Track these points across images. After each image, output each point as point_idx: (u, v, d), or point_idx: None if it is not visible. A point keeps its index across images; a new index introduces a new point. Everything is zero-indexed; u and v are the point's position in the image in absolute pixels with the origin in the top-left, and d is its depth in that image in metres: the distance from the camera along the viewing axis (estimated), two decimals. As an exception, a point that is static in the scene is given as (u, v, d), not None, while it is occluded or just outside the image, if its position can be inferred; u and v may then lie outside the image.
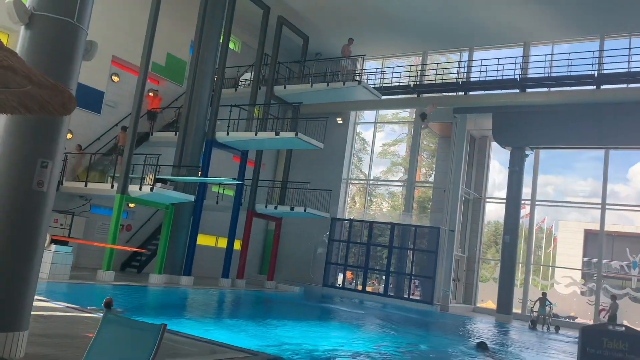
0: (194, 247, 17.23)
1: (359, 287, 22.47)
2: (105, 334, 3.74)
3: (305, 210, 19.35)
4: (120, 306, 10.62)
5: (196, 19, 18.05)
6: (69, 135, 16.13)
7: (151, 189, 14.87)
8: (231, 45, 22.06)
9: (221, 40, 18.36)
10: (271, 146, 20.34)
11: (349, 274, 23.57)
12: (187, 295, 15.12)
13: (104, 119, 18.24)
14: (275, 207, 19.93)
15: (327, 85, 19.37)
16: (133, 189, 15.19)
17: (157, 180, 15.18)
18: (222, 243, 19.86)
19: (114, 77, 18.63)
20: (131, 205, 18.24)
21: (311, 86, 19.56)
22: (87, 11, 5.70)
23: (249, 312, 14.03)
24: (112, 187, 15.62)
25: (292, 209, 19.60)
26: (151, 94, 19.39)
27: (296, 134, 16.98)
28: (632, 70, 18.76)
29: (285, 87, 20.24)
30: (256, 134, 17.56)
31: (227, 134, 17.68)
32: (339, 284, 23.11)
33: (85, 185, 16.37)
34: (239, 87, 21.55)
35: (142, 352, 3.53)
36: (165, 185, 15.63)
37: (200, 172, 17.30)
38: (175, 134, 17.95)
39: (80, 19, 5.58)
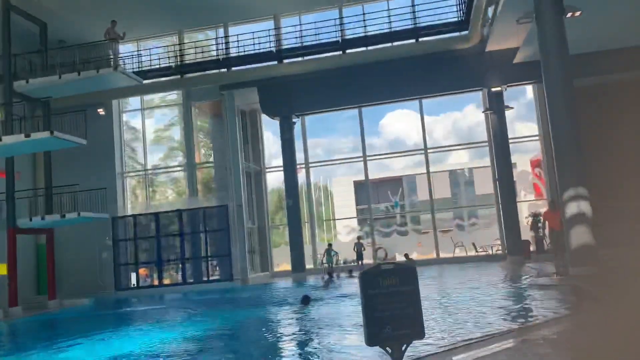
0: (-56, 285, 14.40)
1: (156, 282, 21.60)
2: None
3: (79, 215, 17.61)
4: None
5: None
6: None
7: None
8: (-54, 39, 18.42)
9: None
10: (23, 150, 17.81)
11: (142, 271, 22.43)
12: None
13: None
14: (42, 218, 17.71)
15: (79, 74, 17.61)
16: None
17: None
18: (-17, 271, 16.98)
19: None
20: None
21: (60, 77, 17.55)
22: None
23: (28, 341, 12.31)
24: None
25: (63, 216, 17.64)
26: None
27: (51, 133, 15.15)
28: (369, 34, 21.12)
29: (27, 82, 17.78)
30: (0, 140, 15.16)
31: (-38, 144, 14.93)
32: (134, 284, 21.89)
33: None
34: (-32, 87, 18.23)
35: None
36: None
37: None
38: None
39: None
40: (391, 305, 4.64)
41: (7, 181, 17.39)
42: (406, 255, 20.33)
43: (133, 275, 22.16)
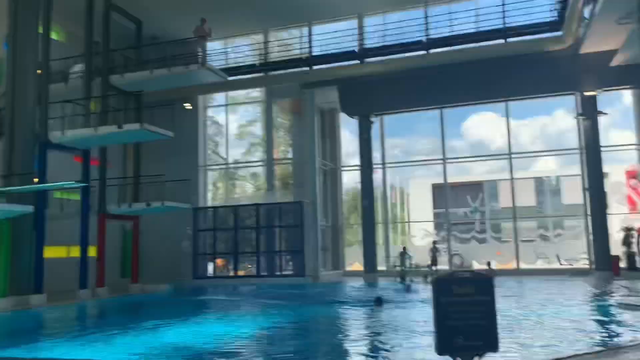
0: (42, 262, 15.56)
1: (232, 273, 22.24)
2: None
3: (163, 204, 18.47)
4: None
5: (7, 9, 15.96)
6: None
7: (-23, 206, 13.08)
8: (54, 36, 19.94)
9: (41, 31, 16.48)
10: (115, 141, 18.92)
11: (219, 261, 23.18)
12: (40, 316, 13.67)
13: None
14: (130, 206, 18.77)
15: (169, 70, 18.45)
16: (-45, 208, 13.23)
17: (-17, 194, 13.36)
18: (76, 252, 18.23)
19: None
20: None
21: (151, 73, 18.48)
22: None
23: (112, 321, 13.08)
24: None
25: (148, 205, 18.59)
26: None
27: (141, 125, 15.98)
28: (454, 34, 20.51)
29: (122, 76, 18.89)
30: (96, 130, 16.20)
31: (63, 133, 16.07)
32: (210, 274, 22.67)
33: None
34: (70, 80, 19.63)
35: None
36: (-5, 199, 13.84)
37: (37, 179, 15.56)
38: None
39: None
40: (464, 314, 4.44)
41: (100, 169, 18.58)
42: (488, 264, 19.61)
43: (210, 265, 22.95)
